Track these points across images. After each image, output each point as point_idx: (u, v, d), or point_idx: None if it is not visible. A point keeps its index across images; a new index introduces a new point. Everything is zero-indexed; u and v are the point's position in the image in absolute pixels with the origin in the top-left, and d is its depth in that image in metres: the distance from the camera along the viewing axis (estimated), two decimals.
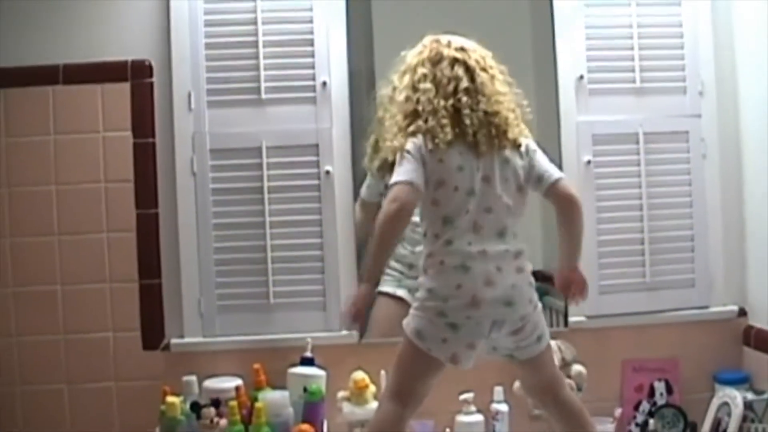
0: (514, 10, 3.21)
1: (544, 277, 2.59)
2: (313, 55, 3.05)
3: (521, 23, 3.19)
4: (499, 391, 2.97)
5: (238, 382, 2.85)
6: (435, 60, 2.56)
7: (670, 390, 3.12)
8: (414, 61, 2.58)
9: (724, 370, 3.08)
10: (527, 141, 2.58)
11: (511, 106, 2.56)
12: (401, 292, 3.07)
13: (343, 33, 3.05)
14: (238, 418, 2.70)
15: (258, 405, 2.71)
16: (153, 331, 3.06)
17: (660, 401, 3.10)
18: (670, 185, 3.14)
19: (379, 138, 2.69)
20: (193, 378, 2.87)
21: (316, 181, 3.04)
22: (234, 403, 2.72)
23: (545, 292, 2.57)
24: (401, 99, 2.56)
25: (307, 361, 2.91)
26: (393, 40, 3.01)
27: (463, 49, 2.58)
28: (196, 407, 2.73)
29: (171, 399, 2.71)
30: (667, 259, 3.13)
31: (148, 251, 3.06)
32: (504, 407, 2.96)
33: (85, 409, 3.05)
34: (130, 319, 3.05)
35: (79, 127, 3.07)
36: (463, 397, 2.93)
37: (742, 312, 3.15)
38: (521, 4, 3.24)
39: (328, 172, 3.04)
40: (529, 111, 2.62)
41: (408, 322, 2.48)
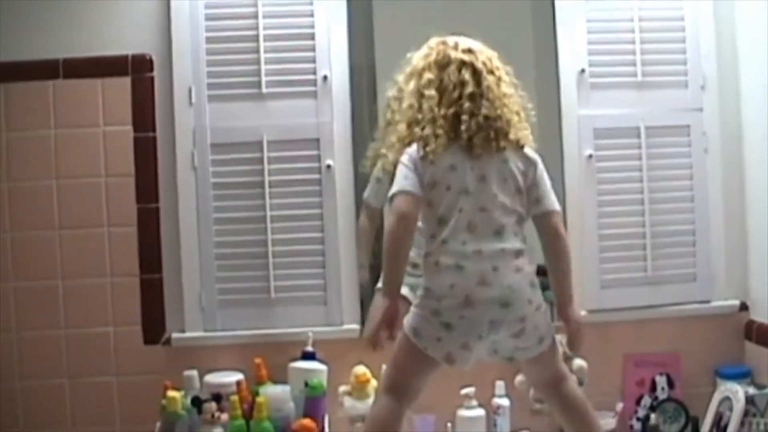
0: (516, 4, 3.21)
1: (545, 272, 2.57)
2: (314, 49, 3.04)
3: (522, 17, 3.19)
4: (500, 386, 2.97)
5: (239, 376, 2.85)
6: (442, 63, 2.52)
7: (671, 384, 3.12)
8: (420, 64, 2.55)
9: (725, 365, 3.08)
10: (534, 153, 2.55)
11: (515, 108, 2.53)
12: (404, 291, 3.04)
13: (344, 27, 3.05)
14: (239, 412, 2.70)
15: (259, 399, 2.71)
16: (154, 326, 3.05)
17: (661, 396, 3.10)
18: (671, 179, 3.13)
19: (379, 147, 2.68)
20: (194, 372, 2.87)
21: (317, 176, 3.04)
22: (235, 397, 2.72)
23: (546, 287, 2.55)
24: (405, 106, 2.54)
25: (308, 356, 2.91)
26: (394, 34, 3.03)
27: (470, 51, 2.54)
28: (197, 402, 2.73)
29: (172, 393, 2.71)
30: (668, 254, 3.12)
31: (148, 246, 3.06)
32: (505, 402, 2.96)
33: (86, 403, 3.05)
34: (131, 313, 3.05)
35: (80, 122, 3.06)
36: (464, 391, 2.92)
37: (744, 306, 3.15)
38: None
39: (329, 167, 3.03)
40: (534, 114, 2.60)
41: (406, 320, 2.49)
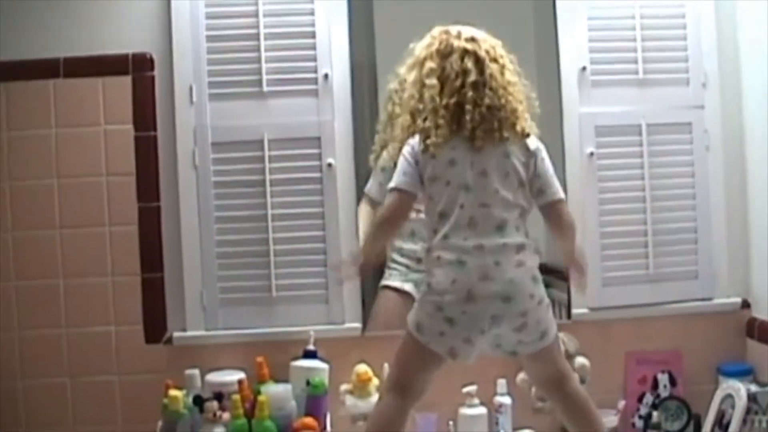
0: (517, 2, 3.20)
1: (547, 270, 2.57)
2: (314, 48, 3.04)
3: (524, 14, 3.17)
4: (502, 384, 2.96)
5: (241, 375, 2.84)
6: (445, 53, 2.51)
7: (673, 382, 3.11)
8: (422, 54, 2.54)
9: (727, 362, 3.08)
10: (536, 142, 2.55)
11: (519, 98, 2.53)
12: (408, 287, 3.06)
13: (345, 25, 3.04)
14: (240, 411, 2.69)
15: (261, 398, 2.70)
16: (155, 325, 3.05)
17: (663, 393, 3.10)
18: (673, 177, 3.13)
19: (386, 137, 2.67)
20: (196, 371, 2.86)
21: (318, 174, 3.03)
22: (237, 396, 2.71)
23: (548, 284, 2.55)
24: (407, 96, 2.54)
25: (309, 354, 2.91)
26: (395, 32, 3.02)
27: (473, 39, 2.53)
28: (199, 401, 2.72)
29: (173, 393, 2.69)
30: (670, 251, 3.12)
31: (150, 245, 3.05)
32: (507, 400, 2.95)
33: (87, 402, 3.05)
34: (133, 312, 3.05)
35: (81, 121, 3.06)
36: (466, 389, 2.92)
37: (746, 304, 3.14)
38: None
39: (330, 165, 3.02)
40: (537, 105, 2.60)
41: (410, 316, 2.49)
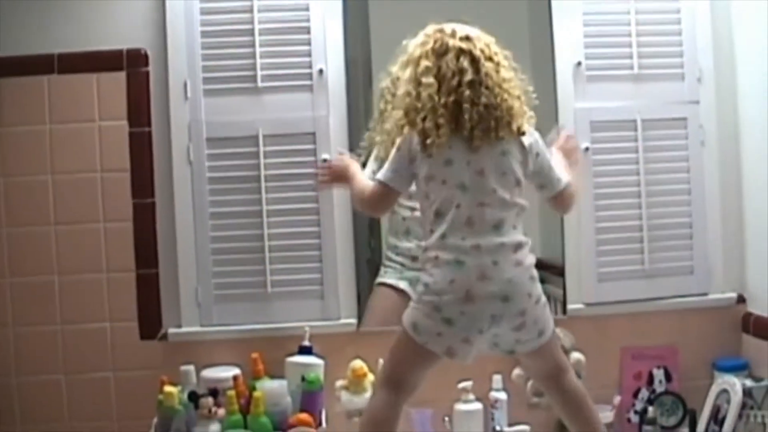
0: None
1: (542, 265, 2.56)
2: (309, 43, 3.03)
3: (519, 10, 3.17)
4: (497, 380, 2.96)
5: (236, 371, 2.84)
6: (440, 51, 2.47)
7: (669, 377, 3.12)
8: (417, 52, 2.50)
9: (723, 358, 3.08)
10: (533, 137, 2.52)
11: (516, 93, 2.49)
12: (403, 285, 3.05)
13: (340, 20, 3.04)
14: (236, 407, 2.69)
15: (256, 394, 2.70)
16: (150, 321, 3.05)
17: (659, 389, 3.10)
18: (668, 172, 3.12)
19: (378, 134, 2.67)
20: (191, 368, 2.86)
21: (313, 169, 3.02)
22: (232, 392, 2.72)
23: (543, 280, 2.54)
24: (402, 93, 2.50)
25: (305, 350, 2.90)
26: (389, 28, 3.01)
27: (468, 38, 2.49)
28: (194, 397, 2.72)
29: (169, 389, 2.70)
30: (665, 246, 3.12)
31: (144, 241, 3.05)
32: (503, 395, 2.95)
33: (82, 399, 3.04)
34: (127, 309, 3.05)
35: (75, 117, 3.05)
36: (461, 385, 2.92)
37: (741, 299, 3.15)
38: None
39: (325, 160, 3.01)
40: (534, 98, 2.57)
41: (406, 315, 2.46)
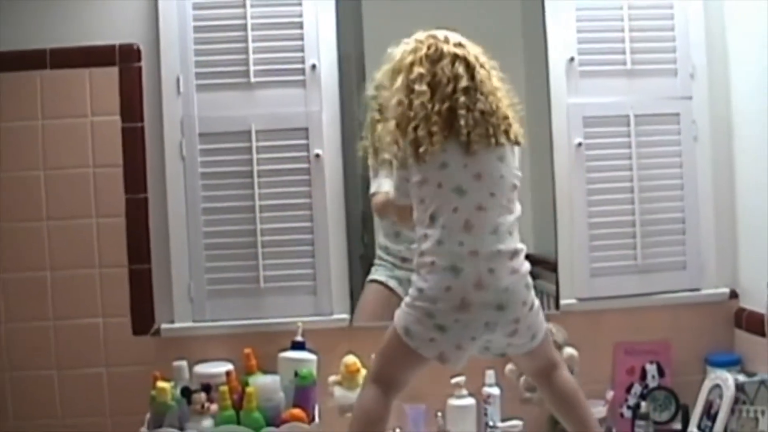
0: None
1: (535, 261, 2.56)
2: (302, 38, 3.03)
3: (511, 5, 3.16)
4: (490, 375, 2.96)
5: (229, 366, 2.84)
6: (434, 58, 2.43)
7: (661, 372, 3.12)
8: (409, 59, 2.45)
9: (715, 353, 3.08)
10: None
11: (507, 102, 2.47)
12: (392, 283, 3.06)
13: (333, 15, 3.03)
14: (228, 403, 2.69)
15: (249, 390, 2.70)
16: (143, 317, 3.04)
17: (652, 384, 3.10)
18: (661, 167, 3.12)
19: (368, 144, 2.68)
20: (184, 363, 2.86)
21: (306, 165, 3.03)
22: (225, 388, 2.72)
23: (536, 276, 2.54)
24: (395, 102, 2.44)
25: (297, 346, 2.90)
26: (383, 23, 3.02)
27: (461, 44, 2.46)
28: (187, 392, 2.72)
29: (161, 384, 2.70)
30: (658, 242, 3.12)
31: (137, 236, 3.04)
32: (495, 391, 2.95)
33: (75, 395, 3.04)
34: (120, 304, 3.04)
35: (67, 112, 3.04)
36: (454, 380, 2.92)
37: (734, 294, 3.14)
38: None
39: (318, 156, 3.02)
40: (521, 108, 2.54)
41: (398, 318, 2.43)
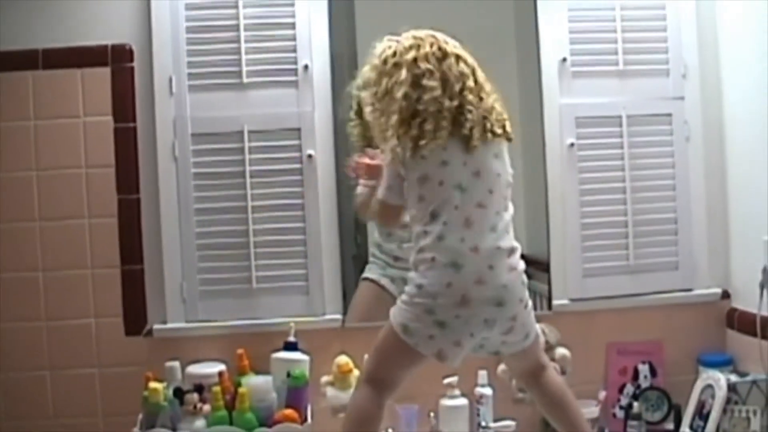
0: None
1: (527, 261, 2.56)
2: (294, 38, 3.03)
3: (504, 5, 3.17)
4: (483, 375, 2.96)
5: (221, 367, 2.84)
6: (439, 56, 2.43)
7: (654, 373, 3.13)
8: (411, 55, 2.42)
9: (707, 353, 3.09)
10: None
11: (500, 101, 2.49)
12: (384, 281, 3.06)
13: (325, 15, 3.03)
14: (221, 403, 2.69)
15: (241, 390, 2.70)
16: (135, 317, 3.04)
17: (644, 384, 3.11)
18: (653, 168, 3.13)
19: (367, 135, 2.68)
20: (176, 364, 2.86)
21: (299, 165, 3.03)
22: (217, 388, 2.72)
23: (529, 276, 2.54)
24: (399, 95, 2.41)
25: (290, 346, 2.89)
26: (375, 23, 3.01)
27: (459, 46, 2.48)
28: (179, 393, 2.72)
29: (154, 385, 2.69)
30: (650, 242, 3.13)
31: (129, 237, 3.04)
32: (488, 391, 2.96)
33: (67, 395, 3.03)
34: (113, 305, 3.04)
35: (60, 112, 3.04)
36: (447, 380, 2.92)
37: (726, 294, 3.16)
38: None
39: (311, 156, 3.02)
40: (512, 109, 2.55)
41: (395, 315, 2.42)
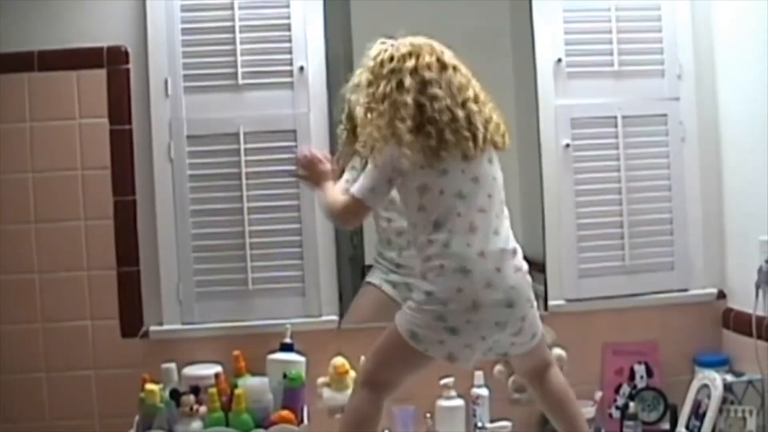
0: None
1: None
2: (290, 40, 3.03)
3: (500, 6, 3.17)
4: (479, 376, 2.96)
5: (218, 369, 2.84)
6: (440, 66, 2.44)
7: (650, 373, 3.13)
8: (411, 63, 2.42)
9: (703, 353, 3.09)
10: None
11: (495, 109, 2.50)
12: (386, 287, 3.06)
13: (321, 17, 3.03)
14: (217, 405, 2.69)
15: (238, 392, 2.70)
16: (131, 319, 3.04)
17: (640, 384, 3.11)
18: (648, 168, 3.14)
19: (347, 146, 2.68)
20: (172, 365, 2.86)
21: (294, 167, 3.02)
22: (213, 390, 2.72)
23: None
24: (401, 101, 2.39)
25: (286, 347, 2.90)
26: (371, 24, 3.01)
27: (453, 56, 2.48)
28: (176, 395, 2.72)
29: (150, 387, 2.70)
30: (646, 243, 3.13)
31: (125, 238, 3.04)
32: (484, 392, 2.96)
33: (64, 397, 3.03)
34: (109, 306, 3.04)
35: (55, 114, 3.04)
36: (443, 381, 2.92)
37: (722, 295, 3.16)
38: None
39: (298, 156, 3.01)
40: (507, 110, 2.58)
41: (401, 323, 2.41)
